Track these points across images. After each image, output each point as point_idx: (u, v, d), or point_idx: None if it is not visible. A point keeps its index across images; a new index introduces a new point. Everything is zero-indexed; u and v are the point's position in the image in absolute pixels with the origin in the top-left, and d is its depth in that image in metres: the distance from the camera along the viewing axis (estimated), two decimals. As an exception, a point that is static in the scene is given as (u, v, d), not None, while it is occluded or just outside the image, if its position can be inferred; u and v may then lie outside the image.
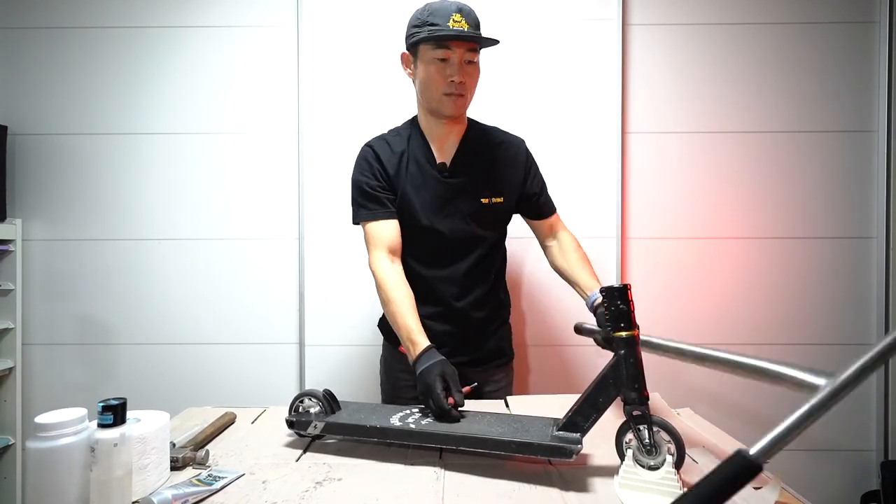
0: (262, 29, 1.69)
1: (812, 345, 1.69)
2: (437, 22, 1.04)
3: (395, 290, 1.07)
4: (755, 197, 1.70)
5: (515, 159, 1.20)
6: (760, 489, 0.69)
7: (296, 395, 0.94)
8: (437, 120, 1.14)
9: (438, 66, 1.07)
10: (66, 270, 1.70)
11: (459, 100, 1.09)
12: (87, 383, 1.70)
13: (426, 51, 1.07)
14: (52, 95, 1.69)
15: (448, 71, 1.06)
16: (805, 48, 1.68)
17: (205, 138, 1.70)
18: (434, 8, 1.07)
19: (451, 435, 0.81)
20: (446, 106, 1.10)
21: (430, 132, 1.16)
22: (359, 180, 1.15)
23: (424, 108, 1.15)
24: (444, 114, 1.11)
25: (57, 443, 0.62)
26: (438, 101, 1.09)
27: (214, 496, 0.72)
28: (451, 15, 1.04)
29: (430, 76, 1.08)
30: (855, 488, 1.69)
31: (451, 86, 1.07)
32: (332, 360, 1.69)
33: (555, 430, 0.79)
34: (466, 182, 1.15)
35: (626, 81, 1.68)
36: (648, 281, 1.69)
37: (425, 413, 0.91)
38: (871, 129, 1.69)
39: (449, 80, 1.07)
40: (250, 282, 1.70)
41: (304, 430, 0.89)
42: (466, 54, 1.06)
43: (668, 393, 1.15)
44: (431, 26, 1.05)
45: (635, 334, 0.75)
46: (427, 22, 1.06)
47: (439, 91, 1.08)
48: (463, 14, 1.05)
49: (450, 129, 1.16)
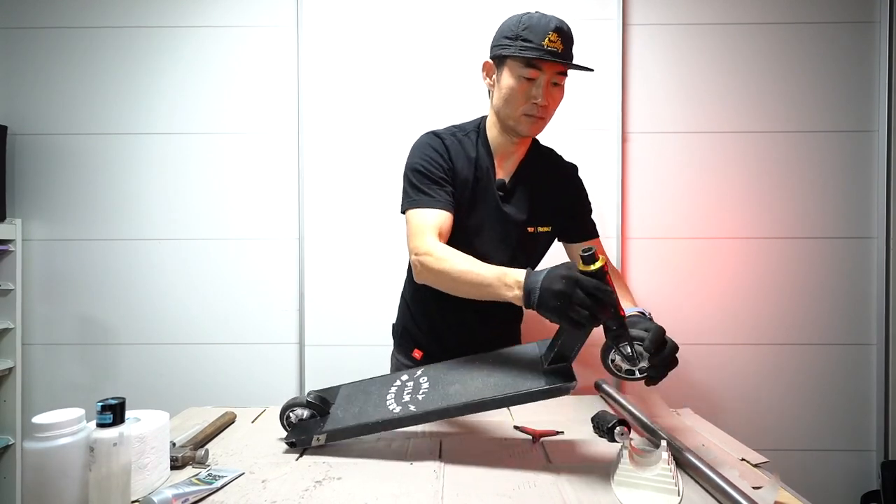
0: (262, 29, 1.69)
1: (812, 345, 1.69)
2: (531, 39, 0.98)
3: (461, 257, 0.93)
4: (755, 197, 1.70)
5: (568, 188, 1.17)
6: (760, 489, 0.69)
7: (280, 409, 0.90)
8: (508, 137, 1.09)
9: (524, 84, 1.01)
10: (66, 270, 1.70)
11: (539, 122, 1.05)
12: (87, 383, 1.70)
13: (514, 66, 1.01)
14: (52, 95, 1.69)
15: (533, 91, 1.01)
16: (805, 48, 1.69)
17: (205, 138, 1.70)
18: (532, 22, 1.00)
19: (451, 407, 0.80)
20: (524, 126, 1.05)
21: (496, 145, 1.11)
22: (418, 164, 1.06)
23: (498, 121, 1.09)
24: (519, 133, 1.07)
25: (54, 443, 0.62)
26: (517, 119, 1.04)
27: (214, 495, 0.72)
28: (548, 34, 0.98)
29: (513, 93, 1.02)
30: (855, 488, 1.69)
31: (533, 108, 1.02)
32: (332, 360, 1.69)
33: (545, 364, 0.80)
34: (519, 207, 1.12)
35: (625, 81, 1.69)
36: (648, 281, 1.69)
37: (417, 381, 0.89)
38: (871, 129, 1.69)
39: (532, 102, 1.01)
40: (250, 282, 1.70)
41: (309, 445, 0.87)
42: (554, 76, 1.01)
43: (669, 393, 1.15)
44: (525, 42, 0.99)
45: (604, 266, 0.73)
46: (521, 37, 0.99)
47: (520, 110, 1.03)
48: (560, 34, 0.99)
49: (517, 147, 1.11)
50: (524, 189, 1.13)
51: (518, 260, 1.14)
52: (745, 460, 0.82)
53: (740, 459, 0.83)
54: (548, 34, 0.98)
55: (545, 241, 1.18)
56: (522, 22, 1.01)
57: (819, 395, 1.69)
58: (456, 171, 1.07)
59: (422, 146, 1.09)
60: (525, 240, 1.14)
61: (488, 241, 1.11)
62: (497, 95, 1.06)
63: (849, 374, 1.69)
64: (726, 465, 0.77)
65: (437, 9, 1.67)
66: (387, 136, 1.67)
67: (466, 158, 1.08)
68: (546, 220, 1.15)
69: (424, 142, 1.09)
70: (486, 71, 1.09)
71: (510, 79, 1.02)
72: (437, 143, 1.08)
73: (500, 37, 1.04)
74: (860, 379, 1.69)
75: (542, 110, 1.03)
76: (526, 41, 0.99)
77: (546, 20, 0.99)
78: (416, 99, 1.67)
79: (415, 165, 1.06)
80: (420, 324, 1.24)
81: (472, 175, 1.08)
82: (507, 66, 1.03)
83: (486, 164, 1.10)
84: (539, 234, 1.15)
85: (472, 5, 1.67)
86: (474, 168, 1.09)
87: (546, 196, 1.14)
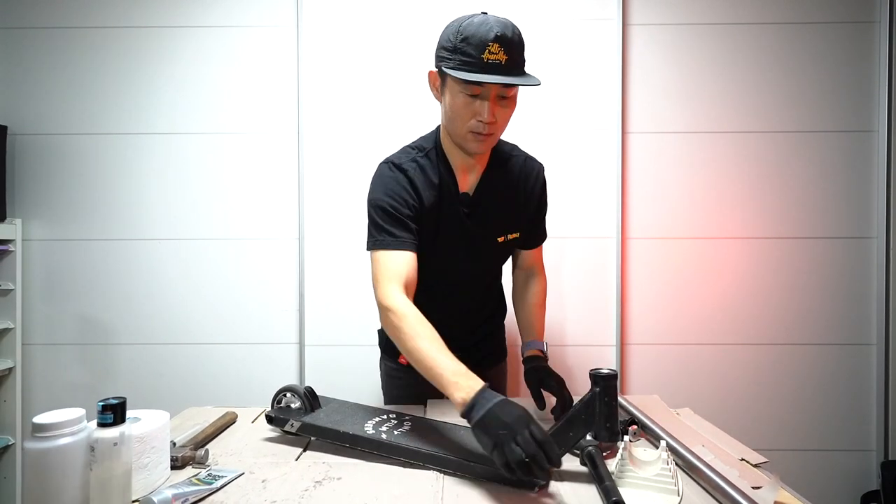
0: (262, 29, 1.69)
1: (812, 345, 1.69)
2: (470, 52, 0.88)
3: (421, 324, 0.88)
4: (755, 197, 1.70)
5: (532, 190, 1.12)
6: (760, 489, 0.69)
7: (278, 389, 0.95)
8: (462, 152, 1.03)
9: (466, 100, 0.92)
10: (66, 270, 1.70)
11: (487, 139, 0.96)
12: (87, 383, 1.70)
13: (454, 83, 0.92)
14: (52, 95, 1.69)
15: (477, 107, 0.92)
16: (805, 48, 1.69)
17: (205, 138, 1.70)
18: (470, 32, 0.88)
19: (419, 451, 0.80)
20: (471, 145, 0.97)
21: (455, 160, 1.05)
22: (382, 202, 0.99)
23: (449, 137, 1.03)
24: (468, 151, 1.00)
25: (55, 443, 0.62)
26: (463, 137, 0.97)
27: (214, 495, 0.72)
28: (488, 45, 0.86)
29: (456, 110, 0.94)
30: (855, 488, 1.69)
31: (479, 125, 0.93)
32: (332, 360, 1.69)
33: None
34: (486, 220, 1.07)
35: (625, 81, 1.69)
36: (648, 281, 1.69)
37: (401, 421, 0.91)
38: (871, 129, 1.69)
39: (477, 119, 0.93)
40: (250, 282, 1.70)
41: (283, 427, 0.90)
42: (501, 90, 0.92)
43: (668, 393, 1.15)
44: (463, 56, 0.88)
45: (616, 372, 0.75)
46: (459, 49, 0.89)
47: (465, 128, 0.95)
48: (502, 43, 0.87)
49: (477, 159, 1.05)
50: (490, 199, 1.07)
51: (491, 272, 1.16)
52: (745, 460, 0.82)
53: (740, 459, 0.83)
54: (487, 46, 0.87)
55: (515, 246, 1.17)
56: (461, 31, 0.90)
57: (819, 395, 1.69)
58: (423, 202, 1.01)
59: (385, 181, 1.01)
60: (496, 250, 1.11)
61: (459, 259, 1.08)
62: (443, 111, 1.00)
63: (849, 374, 1.69)
64: (726, 466, 0.77)
65: (437, 9, 1.67)
66: (387, 137, 1.67)
67: (430, 186, 1.02)
68: (514, 226, 1.11)
69: (387, 175, 1.02)
70: (432, 81, 1.00)
71: (452, 96, 0.94)
72: (401, 178, 1.01)
73: (440, 47, 0.94)
74: (860, 379, 1.69)
75: (490, 127, 0.94)
76: (465, 55, 0.88)
77: (486, 28, 0.87)
78: (416, 99, 1.67)
79: (379, 202, 0.99)
80: None
81: (437, 200, 1.03)
82: (448, 82, 0.94)
83: (449, 183, 1.04)
84: (510, 242, 1.12)
85: (472, 5, 1.67)
86: (438, 193, 1.03)
87: (512, 203, 1.09)
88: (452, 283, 1.11)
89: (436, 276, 1.05)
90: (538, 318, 1.17)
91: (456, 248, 1.06)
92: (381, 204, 0.99)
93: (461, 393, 0.77)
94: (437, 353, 0.84)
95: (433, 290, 1.06)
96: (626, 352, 1.70)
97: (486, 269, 1.15)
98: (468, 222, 1.06)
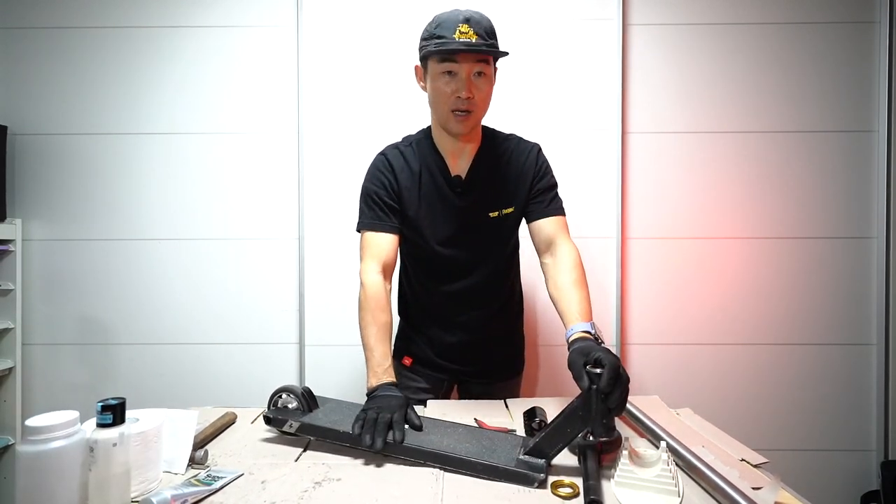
0: (262, 29, 1.69)
1: (812, 345, 1.69)
2: (443, 35, 0.99)
3: (378, 311, 1.04)
4: (755, 197, 1.70)
5: (525, 166, 1.13)
6: (760, 490, 0.69)
7: (275, 389, 0.95)
8: (452, 136, 1.09)
9: (445, 80, 1.02)
10: (66, 270, 1.70)
11: (468, 117, 1.03)
12: (87, 383, 1.70)
13: (433, 65, 1.02)
14: (52, 95, 1.69)
15: (455, 85, 1.01)
16: (805, 48, 1.68)
17: (205, 138, 1.70)
18: (442, 19, 1.01)
19: (419, 450, 0.81)
20: (453, 125, 1.05)
21: (444, 146, 1.12)
22: (367, 188, 1.12)
23: (437, 123, 1.11)
24: (451, 132, 1.07)
25: (48, 446, 0.61)
26: (446, 118, 1.05)
27: (213, 496, 0.71)
28: (458, 26, 0.98)
29: (437, 91, 1.03)
30: (855, 488, 1.69)
31: (458, 102, 1.02)
32: (332, 360, 1.69)
33: (522, 452, 0.80)
34: (479, 198, 1.11)
35: (625, 81, 1.68)
36: (648, 281, 1.69)
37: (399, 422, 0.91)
38: (871, 129, 1.68)
39: (455, 96, 1.01)
40: (250, 282, 1.70)
41: (281, 428, 0.90)
42: (476, 66, 1.01)
43: (668, 393, 1.15)
44: (438, 39, 1.00)
45: None
46: (434, 35, 1.01)
47: (447, 107, 1.03)
48: (471, 24, 0.99)
49: (464, 143, 1.11)
50: (483, 179, 1.12)
51: (485, 246, 1.15)
52: (745, 461, 0.82)
53: (740, 460, 0.83)
54: (458, 26, 0.98)
55: (512, 223, 1.15)
56: (434, 21, 1.03)
57: (819, 395, 1.69)
58: (400, 185, 1.11)
59: (372, 168, 1.14)
60: (488, 225, 1.13)
61: (458, 233, 1.12)
62: (429, 100, 1.09)
63: (849, 374, 1.69)
64: (726, 466, 0.77)
65: (437, 9, 1.66)
66: (387, 136, 1.65)
67: (409, 171, 1.11)
68: (508, 201, 1.12)
69: (372, 164, 1.14)
70: (418, 75, 1.10)
71: (433, 77, 1.04)
72: (382, 163, 1.13)
73: (421, 40, 1.05)
74: (860, 379, 1.69)
75: (469, 102, 1.02)
76: (440, 38, 1.00)
77: (456, 14, 1.00)
78: (416, 99, 1.66)
79: (366, 188, 1.13)
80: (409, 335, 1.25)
81: (416, 184, 1.11)
82: (429, 67, 1.04)
83: (434, 169, 1.12)
84: (503, 217, 1.12)
85: (471, 5, 1.67)
86: (418, 178, 1.11)
87: (505, 180, 1.12)
88: (451, 264, 1.14)
89: (436, 260, 1.13)
90: (574, 297, 0.98)
91: (444, 225, 1.12)
92: (367, 189, 1.12)
93: (373, 379, 0.97)
94: (375, 342, 1.01)
95: (436, 273, 1.15)
96: (626, 352, 1.70)
97: (485, 251, 1.15)
98: (459, 202, 1.12)
